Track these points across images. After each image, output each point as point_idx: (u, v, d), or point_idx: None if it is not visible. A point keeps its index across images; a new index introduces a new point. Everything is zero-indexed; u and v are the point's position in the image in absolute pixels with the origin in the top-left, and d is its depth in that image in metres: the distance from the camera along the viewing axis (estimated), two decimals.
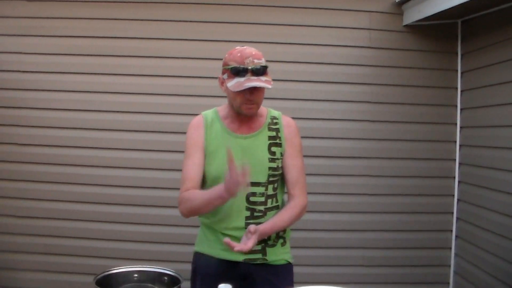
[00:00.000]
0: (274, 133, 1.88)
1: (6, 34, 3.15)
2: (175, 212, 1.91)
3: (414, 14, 3.07)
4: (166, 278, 1.52)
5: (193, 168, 1.82)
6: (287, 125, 1.92)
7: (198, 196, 1.75)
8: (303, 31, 3.19)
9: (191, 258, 1.96)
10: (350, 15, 3.20)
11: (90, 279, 1.42)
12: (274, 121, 1.91)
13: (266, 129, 1.88)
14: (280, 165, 1.88)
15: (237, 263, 1.85)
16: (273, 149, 1.86)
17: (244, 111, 1.80)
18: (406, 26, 3.20)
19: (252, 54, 1.75)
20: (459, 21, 3.18)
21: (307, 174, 1.89)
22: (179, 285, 1.43)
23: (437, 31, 3.20)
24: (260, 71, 1.73)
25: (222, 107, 1.93)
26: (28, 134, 3.17)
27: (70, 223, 3.19)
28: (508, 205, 2.64)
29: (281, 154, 1.88)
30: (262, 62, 1.76)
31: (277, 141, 1.88)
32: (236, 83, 1.72)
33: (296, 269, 1.97)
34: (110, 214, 3.19)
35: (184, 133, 1.88)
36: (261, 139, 1.86)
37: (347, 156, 3.23)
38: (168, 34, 3.18)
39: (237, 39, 3.10)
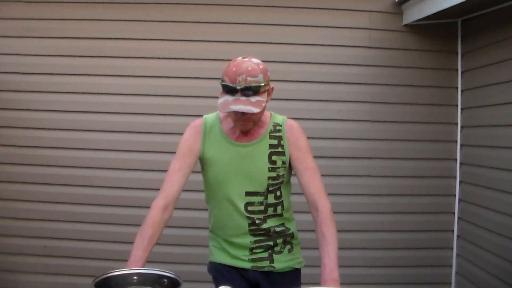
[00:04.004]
0: (275, 141, 1.80)
1: (5, 35, 3.15)
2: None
3: (414, 13, 3.06)
4: (165, 280, 1.50)
5: (173, 178, 1.77)
6: (290, 129, 1.82)
7: (137, 240, 1.76)
8: (302, 31, 3.18)
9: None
10: (349, 15, 3.19)
11: (90, 281, 1.40)
12: (277, 128, 1.82)
13: (267, 137, 1.80)
14: (281, 174, 1.81)
15: (245, 270, 1.86)
16: (274, 158, 1.79)
17: (239, 127, 1.74)
18: (406, 25, 3.20)
19: (248, 71, 1.61)
20: (459, 20, 3.17)
21: None
22: None
23: (437, 30, 3.19)
24: (252, 91, 1.60)
25: None
26: (27, 136, 3.17)
27: (69, 225, 3.18)
28: (510, 204, 2.63)
29: (283, 163, 1.80)
30: (259, 79, 1.62)
31: (279, 149, 1.80)
32: (224, 102, 1.62)
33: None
34: (110, 216, 3.18)
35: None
36: (261, 147, 1.79)
37: (348, 156, 3.21)
38: (173, 35, 3.17)
39: (236, 39, 3.12)
